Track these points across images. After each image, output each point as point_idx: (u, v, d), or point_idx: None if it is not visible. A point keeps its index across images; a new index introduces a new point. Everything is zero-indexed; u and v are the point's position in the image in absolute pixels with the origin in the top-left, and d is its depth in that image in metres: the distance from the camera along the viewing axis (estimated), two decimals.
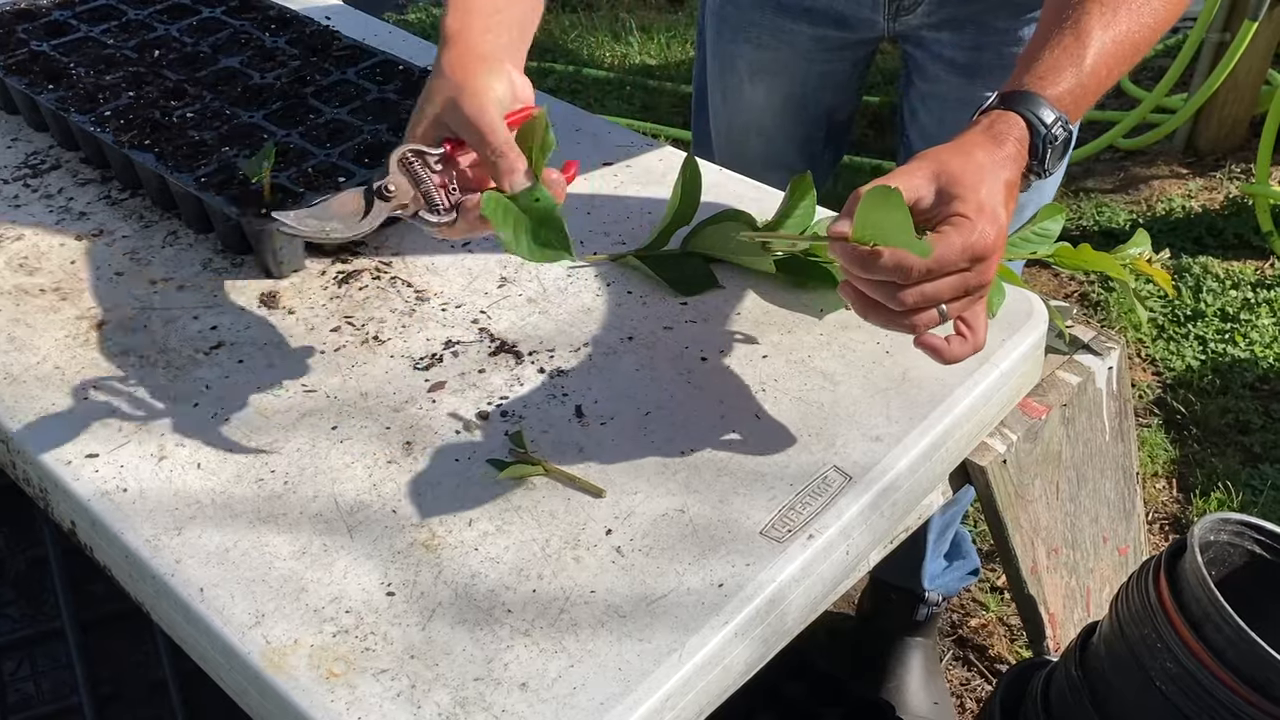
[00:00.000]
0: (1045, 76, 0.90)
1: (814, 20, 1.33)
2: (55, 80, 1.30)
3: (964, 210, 0.81)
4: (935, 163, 0.84)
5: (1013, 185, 0.86)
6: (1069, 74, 0.90)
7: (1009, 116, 0.88)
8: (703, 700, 0.81)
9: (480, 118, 0.86)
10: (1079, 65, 0.90)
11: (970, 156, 0.85)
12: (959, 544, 1.68)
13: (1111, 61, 0.91)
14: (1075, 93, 0.90)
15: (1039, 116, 0.88)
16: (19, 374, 1.02)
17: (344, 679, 0.78)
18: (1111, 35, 0.91)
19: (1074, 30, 0.91)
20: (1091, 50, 0.90)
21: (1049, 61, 0.91)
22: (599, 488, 0.90)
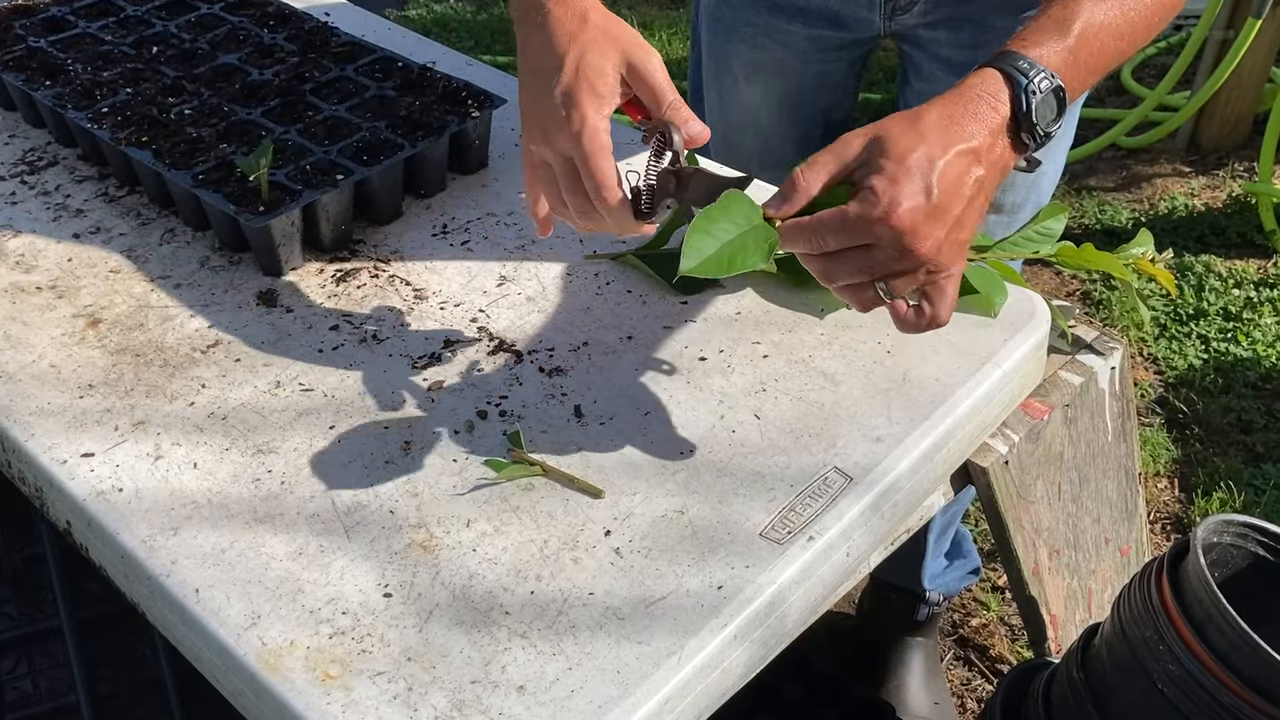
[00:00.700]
0: (1027, 39, 0.86)
1: (809, 20, 1.32)
2: (53, 76, 1.29)
3: (874, 182, 0.77)
4: (878, 126, 0.81)
5: (977, 152, 0.80)
6: (1052, 37, 0.85)
7: (983, 72, 0.84)
8: (702, 703, 0.81)
9: (656, 74, 0.87)
10: (1064, 30, 0.86)
11: (917, 121, 0.80)
12: (960, 543, 1.67)
13: (1104, 34, 0.87)
14: (1061, 55, 0.85)
15: (1017, 68, 0.83)
16: (14, 372, 1.01)
17: (340, 681, 0.77)
18: (1099, 17, 0.87)
19: (1062, 3, 0.87)
20: (1080, 19, 0.86)
21: (1031, 27, 0.87)
22: (598, 488, 0.89)
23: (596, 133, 0.85)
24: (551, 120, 0.86)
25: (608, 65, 0.87)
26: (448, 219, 1.20)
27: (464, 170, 1.26)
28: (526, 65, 0.90)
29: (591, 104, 0.86)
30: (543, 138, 0.88)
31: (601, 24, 0.89)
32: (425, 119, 1.21)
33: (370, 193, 1.16)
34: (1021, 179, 1.31)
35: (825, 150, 0.82)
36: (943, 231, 0.79)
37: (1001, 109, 0.82)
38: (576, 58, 0.87)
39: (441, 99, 1.24)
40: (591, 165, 0.85)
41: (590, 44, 0.88)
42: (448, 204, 1.22)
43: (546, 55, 0.88)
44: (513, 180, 1.25)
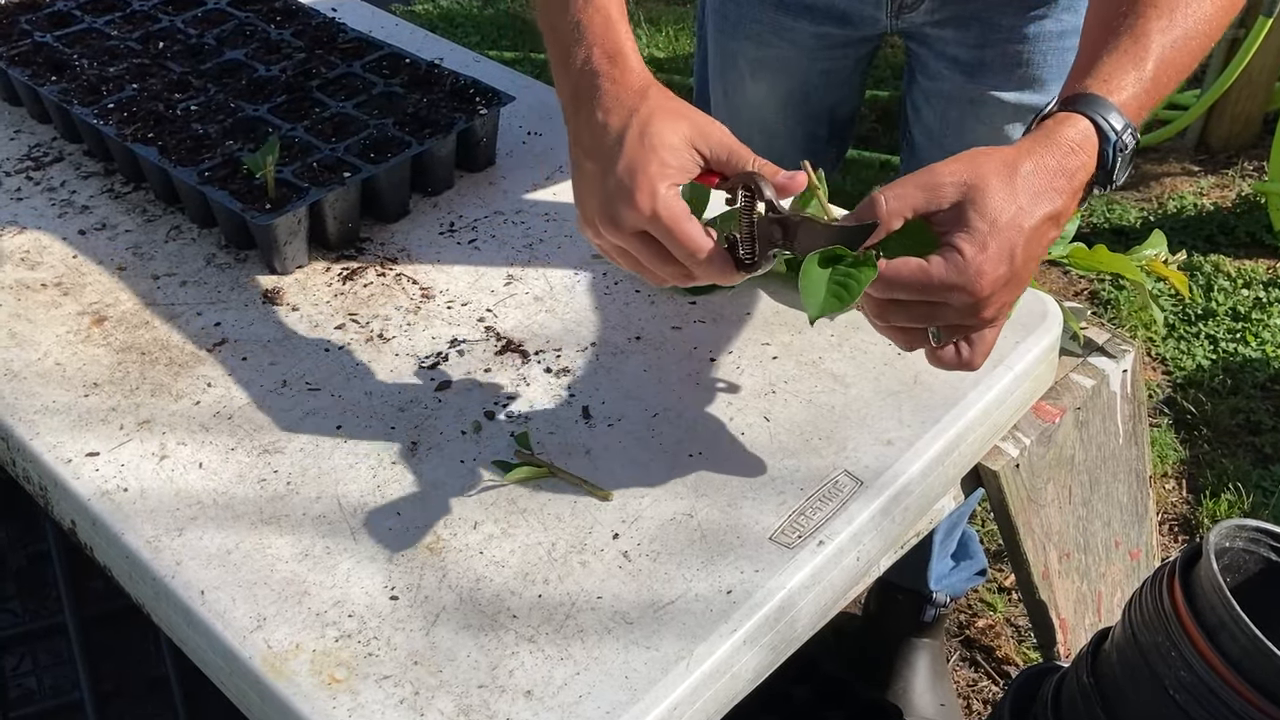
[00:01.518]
0: (1109, 80, 0.82)
1: (815, 18, 1.31)
2: (58, 72, 1.29)
3: (963, 246, 0.76)
4: (973, 172, 0.77)
5: (1058, 217, 0.79)
6: (1131, 78, 0.82)
7: (1078, 122, 0.81)
8: (710, 709, 0.80)
9: (730, 138, 0.83)
10: (1140, 69, 0.82)
11: (1013, 175, 0.77)
12: (966, 544, 1.66)
13: (1171, 69, 0.84)
14: (1140, 99, 0.83)
15: (1109, 121, 0.80)
16: (19, 370, 1.01)
17: (346, 685, 0.77)
18: (1170, 39, 0.84)
19: (1131, 34, 0.83)
20: (1153, 54, 0.83)
21: (1109, 65, 0.83)
22: (607, 492, 0.89)
23: (670, 203, 0.80)
24: (617, 201, 0.80)
25: (676, 138, 0.82)
26: (455, 217, 1.19)
27: (471, 168, 1.25)
28: (582, 146, 0.84)
29: (660, 176, 0.80)
30: (610, 221, 0.81)
31: (662, 98, 0.84)
32: (433, 116, 1.20)
33: (377, 190, 1.15)
34: None
35: (913, 182, 0.78)
36: (1013, 295, 0.79)
37: (1090, 165, 0.81)
38: (640, 130, 0.81)
39: (449, 96, 1.24)
40: (677, 234, 0.79)
41: (653, 116, 0.82)
42: (455, 202, 1.21)
43: (604, 134, 0.82)
44: (520, 179, 1.24)
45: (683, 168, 0.82)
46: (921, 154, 1.39)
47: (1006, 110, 1.28)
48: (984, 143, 1.00)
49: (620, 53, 0.85)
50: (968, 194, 0.77)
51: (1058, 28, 1.24)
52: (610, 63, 0.84)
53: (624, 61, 0.85)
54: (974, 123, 1.30)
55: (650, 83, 0.85)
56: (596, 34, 0.86)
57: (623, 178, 0.80)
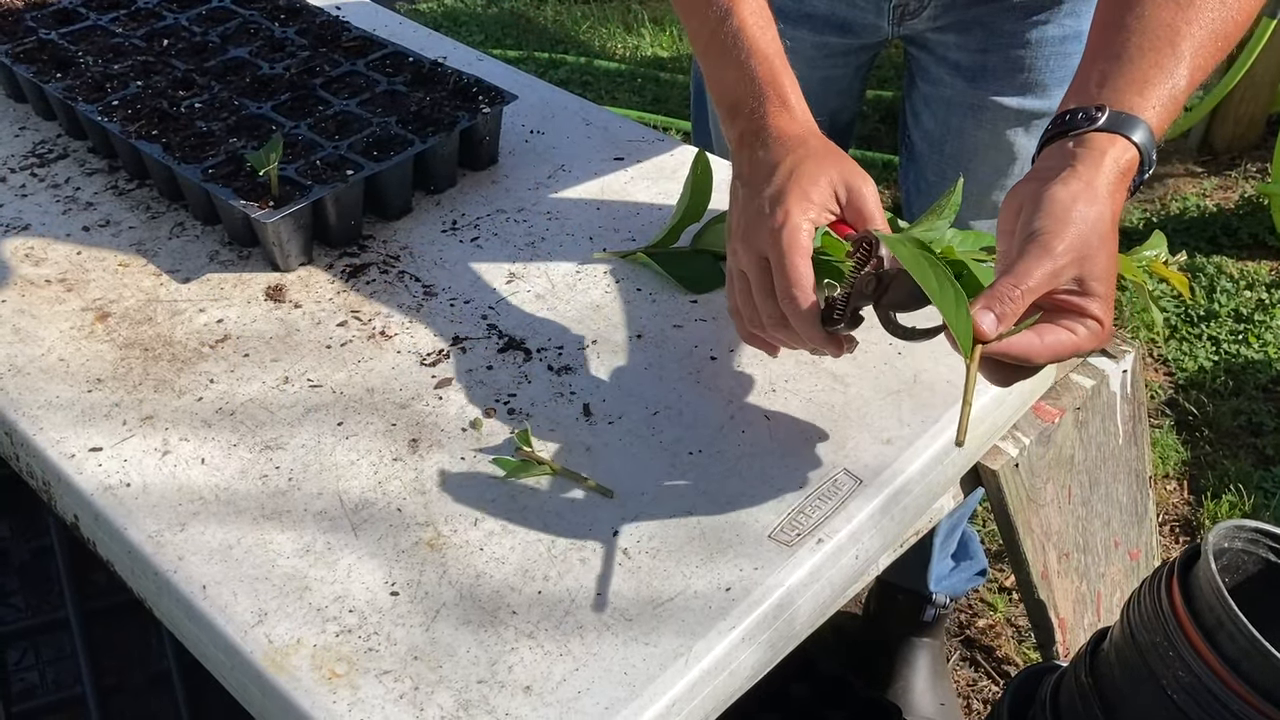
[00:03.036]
0: (1147, 96, 0.82)
1: (815, 27, 1.31)
2: (63, 69, 1.29)
3: (1098, 313, 0.79)
4: (1081, 244, 0.78)
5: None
6: (1165, 96, 0.83)
7: (1131, 154, 0.82)
8: (709, 705, 0.80)
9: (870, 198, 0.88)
10: (1175, 84, 0.83)
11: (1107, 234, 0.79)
12: (966, 545, 1.67)
13: (1199, 73, 0.84)
14: (1164, 117, 0.83)
15: (1151, 157, 0.82)
16: (23, 365, 1.01)
17: (346, 680, 0.77)
18: (1199, 47, 0.83)
19: (1170, 50, 0.83)
20: (1184, 68, 0.83)
21: (1147, 78, 0.82)
22: (607, 488, 0.89)
23: (798, 231, 0.83)
24: (756, 220, 0.86)
25: (823, 177, 0.87)
26: (458, 215, 1.19)
27: (474, 166, 1.25)
28: (742, 178, 0.91)
29: (798, 205, 0.85)
30: (743, 239, 0.87)
31: (823, 145, 0.90)
32: (436, 114, 1.20)
33: (380, 188, 1.15)
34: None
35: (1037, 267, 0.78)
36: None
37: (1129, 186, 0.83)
38: (792, 165, 0.87)
39: (452, 94, 1.24)
40: (787, 261, 0.83)
41: (809, 157, 0.88)
42: (458, 200, 1.22)
43: (764, 168, 0.88)
44: (522, 177, 1.25)
45: (824, 205, 0.87)
46: (921, 158, 1.39)
47: (1008, 115, 1.28)
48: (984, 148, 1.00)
49: (786, 102, 0.92)
50: (1083, 265, 0.78)
51: (1060, 33, 1.23)
52: (778, 110, 0.91)
53: (790, 110, 0.92)
54: (974, 128, 1.30)
55: (813, 131, 0.92)
56: (764, 83, 0.92)
57: (766, 201, 0.86)
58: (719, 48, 0.95)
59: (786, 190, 0.86)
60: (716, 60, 0.95)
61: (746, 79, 0.93)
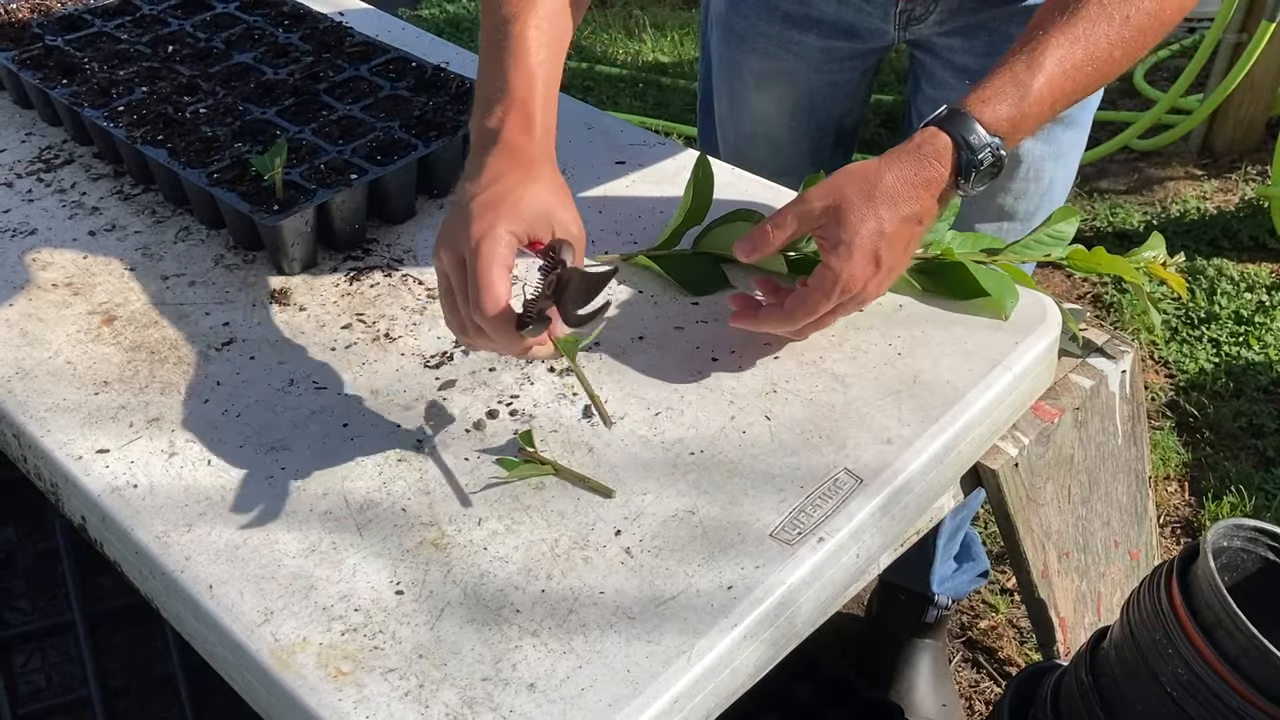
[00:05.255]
0: (988, 100, 0.93)
1: (822, 31, 1.32)
2: (69, 75, 1.30)
3: (833, 264, 0.90)
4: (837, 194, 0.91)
5: (920, 216, 0.92)
6: (1009, 98, 0.93)
7: (940, 139, 0.93)
8: (711, 702, 0.81)
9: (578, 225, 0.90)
10: (1024, 92, 0.92)
11: (874, 190, 0.90)
12: (969, 546, 1.67)
13: (1059, 92, 0.93)
14: (1014, 119, 0.93)
15: (968, 140, 0.92)
16: (31, 368, 1.02)
17: (352, 678, 0.78)
18: (1069, 64, 0.93)
19: (1029, 55, 0.93)
20: (1041, 77, 0.92)
21: (996, 84, 0.93)
22: (608, 488, 0.90)
23: (498, 241, 0.83)
24: (462, 222, 0.85)
25: (542, 206, 0.87)
26: None
27: None
28: (468, 178, 0.90)
29: (507, 217, 0.85)
30: (446, 240, 0.86)
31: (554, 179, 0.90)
32: (439, 119, 1.21)
33: (384, 192, 1.16)
34: (1034, 187, 1.31)
35: (791, 210, 0.94)
36: (886, 282, 0.94)
37: (946, 175, 0.93)
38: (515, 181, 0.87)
39: (455, 99, 1.25)
40: (481, 269, 0.82)
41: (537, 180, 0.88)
42: None
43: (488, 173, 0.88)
44: None
45: (532, 228, 0.87)
46: None
47: None
48: None
49: (530, 123, 0.92)
50: (833, 214, 0.91)
51: None
52: (520, 127, 0.91)
53: (530, 132, 0.92)
54: None
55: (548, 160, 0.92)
56: (517, 97, 0.92)
57: (477, 206, 0.86)
58: (493, 45, 0.95)
59: (501, 200, 0.85)
60: (488, 55, 0.96)
61: (503, 86, 0.93)
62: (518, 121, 0.91)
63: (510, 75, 0.93)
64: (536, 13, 0.95)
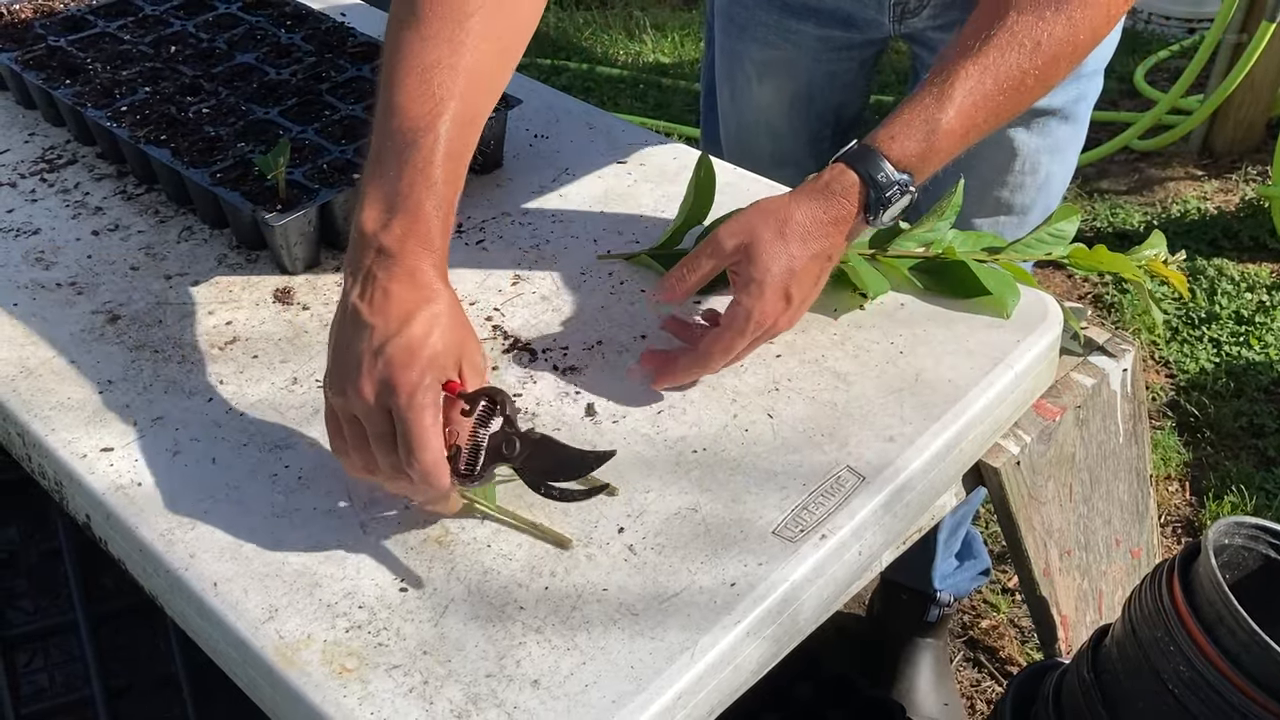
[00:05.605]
0: (896, 136, 0.93)
1: (820, 20, 1.33)
2: (72, 75, 1.30)
3: (745, 301, 0.92)
4: (748, 231, 0.93)
5: (829, 253, 0.94)
6: (919, 133, 0.92)
7: (847, 177, 0.93)
8: (714, 699, 0.81)
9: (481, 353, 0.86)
10: (933, 126, 0.92)
11: (784, 228, 0.92)
12: (970, 544, 1.67)
13: (970, 122, 0.93)
14: (923, 154, 0.93)
15: (875, 178, 0.92)
16: (35, 367, 1.02)
17: (356, 674, 0.78)
18: (979, 94, 0.92)
19: (939, 87, 0.92)
20: (950, 109, 0.92)
21: (904, 118, 0.93)
22: (611, 486, 0.89)
23: (430, 391, 0.79)
24: (392, 364, 0.78)
25: (455, 344, 0.82)
26: (463, 218, 1.21)
27: (479, 170, 1.27)
28: (368, 305, 0.81)
29: (434, 364, 0.80)
30: (358, 382, 0.79)
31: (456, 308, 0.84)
32: None
33: None
34: (1030, 180, 1.31)
35: (703, 250, 0.95)
36: (797, 315, 0.96)
37: (854, 211, 0.94)
38: (432, 318, 0.81)
39: None
40: (416, 424, 0.78)
41: (448, 314, 0.82)
42: (463, 204, 1.21)
43: (399, 306, 0.80)
44: (527, 181, 1.26)
45: (447, 371, 0.82)
46: None
47: None
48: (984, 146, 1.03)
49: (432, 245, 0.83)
50: (745, 252, 0.92)
51: None
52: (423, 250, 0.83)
53: (434, 255, 0.83)
54: None
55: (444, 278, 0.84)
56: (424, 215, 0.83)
57: (396, 351, 0.79)
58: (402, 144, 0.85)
59: (419, 345, 0.79)
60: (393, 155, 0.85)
61: (411, 198, 0.83)
62: (418, 241, 0.83)
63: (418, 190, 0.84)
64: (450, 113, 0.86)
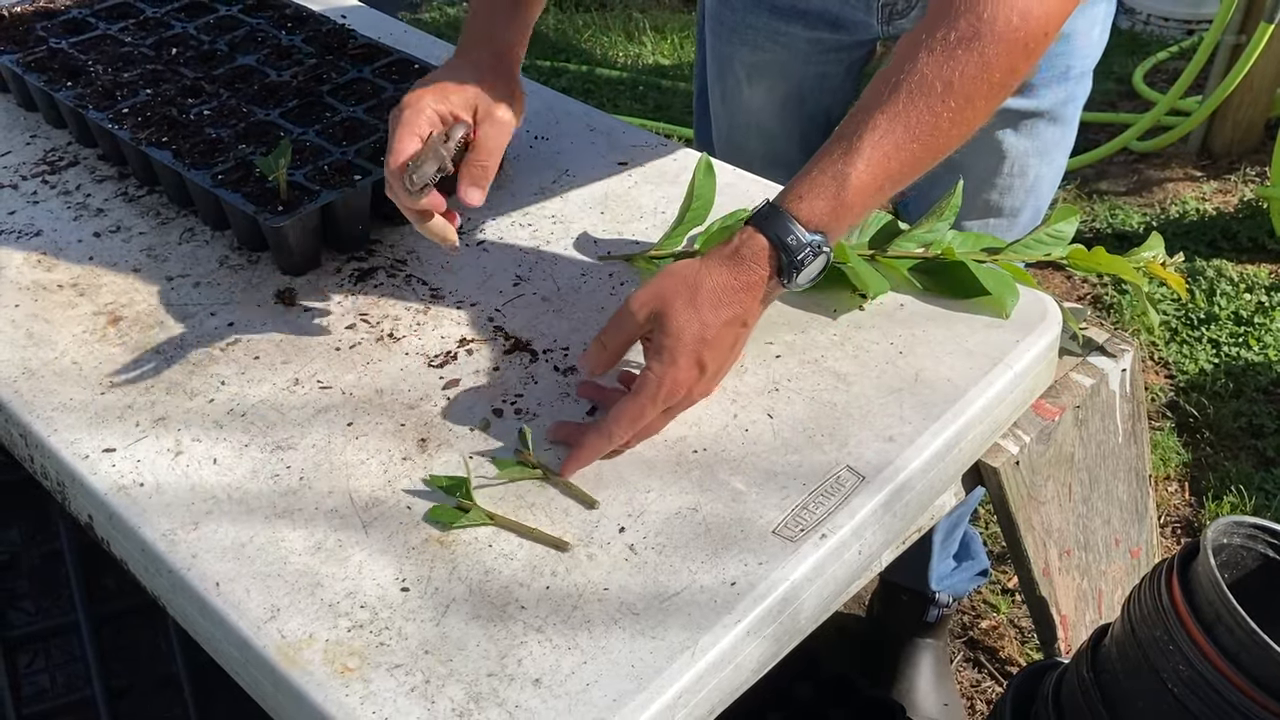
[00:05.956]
0: (804, 196, 0.89)
1: (809, 23, 1.33)
2: (74, 77, 1.31)
3: (656, 370, 0.89)
4: (659, 299, 0.91)
5: (743, 318, 0.91)
6: (829, 191, 0.89)
7: (757, 241, 0.90)
8: (715, 698, 0.82)
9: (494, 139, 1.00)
10: (842, 182, 0.88)
11: (695, 295, 0.90)
12: (968, 545, 1.68)
13: (884, 174, 0.88)
14: (834, 211, 0.89)
15: (786, 241, 0.89)
16: (37, 369, 1.02)
17: (358, 674, 0.78)
18: (888, 144, 0.87)
19: (846, 142, 0.89)
20: (859, 163, 0.88)
21: (813, 177, 0.90)
22: (593, 498, 0.90)
23: (419, 112, 0.97)
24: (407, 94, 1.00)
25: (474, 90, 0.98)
26: (464, 219, 1.21)
27: None
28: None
29: (434, 93, 0.98)
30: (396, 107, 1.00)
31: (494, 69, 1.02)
32: None
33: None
34: (1019, 183, 1.32)
35: (616, 320, 0.93)
36: (713, 384, 0.95)
37: (765, 275, 0.91)
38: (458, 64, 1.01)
39: None
40: (396, 131, 0.97)
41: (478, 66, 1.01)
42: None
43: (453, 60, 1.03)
44: (527, 182, 1.26)
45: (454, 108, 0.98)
46: None
47: (996, 117, 1.29)
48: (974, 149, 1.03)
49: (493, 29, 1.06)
50: (656, 320, 0.90)
51: None
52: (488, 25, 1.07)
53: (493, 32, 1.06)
54: None
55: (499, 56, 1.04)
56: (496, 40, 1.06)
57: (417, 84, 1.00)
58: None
59: (436, 78, 1.00)
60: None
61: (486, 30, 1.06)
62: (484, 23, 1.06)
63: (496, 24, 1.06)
64: None
